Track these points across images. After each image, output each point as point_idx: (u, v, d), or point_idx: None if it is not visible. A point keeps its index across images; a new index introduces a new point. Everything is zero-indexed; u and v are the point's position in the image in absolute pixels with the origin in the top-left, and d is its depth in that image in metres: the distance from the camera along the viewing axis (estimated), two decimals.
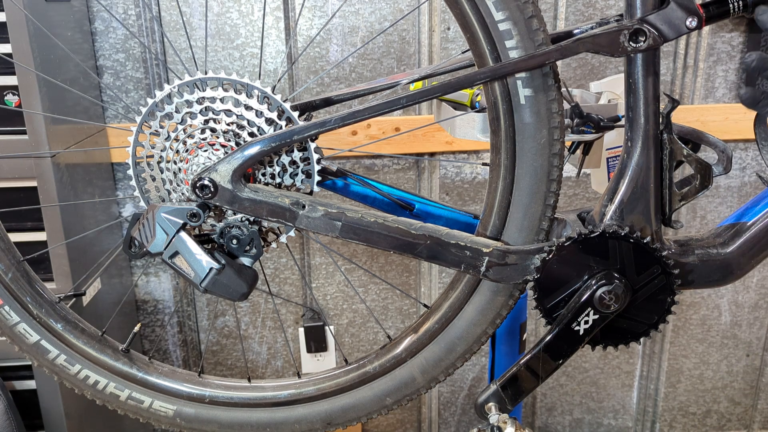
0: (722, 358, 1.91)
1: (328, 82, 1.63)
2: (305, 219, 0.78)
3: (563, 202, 1.75)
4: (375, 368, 0.90)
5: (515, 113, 0.74)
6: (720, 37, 1.64)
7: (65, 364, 0.91)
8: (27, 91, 1.27)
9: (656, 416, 1.96)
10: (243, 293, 0.79)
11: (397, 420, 1.95)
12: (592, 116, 0.97)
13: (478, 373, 1.90)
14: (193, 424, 0.93)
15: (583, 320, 0.78)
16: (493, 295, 0.83)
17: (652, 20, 0.71)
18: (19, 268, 0.90)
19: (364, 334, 1.86)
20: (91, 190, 1.52)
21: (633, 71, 0.74)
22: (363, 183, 0.98)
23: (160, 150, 0.82)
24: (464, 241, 0.78)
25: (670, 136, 0.76)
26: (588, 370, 1.92)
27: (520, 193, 0.78)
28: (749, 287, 1.83)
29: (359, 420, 0.92)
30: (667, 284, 0.77)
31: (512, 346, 1.13)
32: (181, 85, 0.80)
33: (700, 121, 1.65)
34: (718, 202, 1.77)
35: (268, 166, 0.81)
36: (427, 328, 0.88)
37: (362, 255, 1.77)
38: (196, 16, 1.57)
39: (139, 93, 1.62)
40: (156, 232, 0.77)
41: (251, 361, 1.87)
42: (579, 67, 1.64)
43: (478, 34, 0.73)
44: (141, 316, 1.79)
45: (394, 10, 1.58)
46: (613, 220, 0.77)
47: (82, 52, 1.51)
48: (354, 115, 0.76)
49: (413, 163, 1.69)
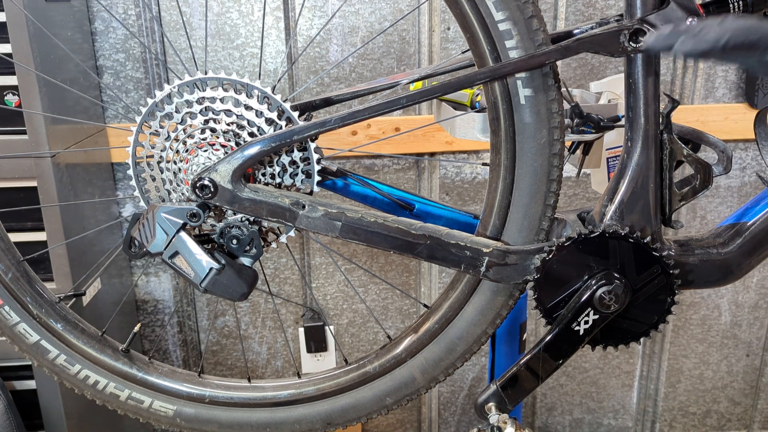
0: (722, 358, 1.91)
1: (328, 82, 1.63)
2: (305, 219, 0.78)
3: (563, 202, 1.75)
4: (375, 368, 0.90)
5: (515, 113, 0.74)
6: None
7: (65, 364, 0.91)
8: (27, 91, 1.27)
9: (656, 416, 1.96)
10: (243, 293, 0.79)
11: (397, 420, 1.95)
12: (592, 116, 0.97)
13: (478, 373, 1.90)
14: (193, 424, 0.93)
15: (583, 320, 0.78)
16: (493, 295, 0.83)
17: (652, 20, 0.71)
18: (19, 268, 0.90)
19: (364, 334, 1.85)
20: (91, 190, 1.52)
21: (633, 71, 0.74)
22: (363, 183, 0.98)
23: (160, 150, 0.82)
24: (464, 241, 0.78)
25: (670, 136, 0.76)
26: (588, 370, 1.92)
27: (520, 193, 0.78)
28: (749, 287, 1.83)
29: (359, 420, 0.92)
30: (667, 284, 0.77)
31: (512, 346, 1.13)
32: (181, 85, 0.80)
33: (700, 121, 1.65)
34: (718, 202, 1.77)
35: (268, 166, 0.81)
36: (427, 328, 0.88)
37: (362, 255, 1.77)
38: (196, 16, 1.57)
39: (139, 93, 1.62)
40: (156, 232, 0.77)
41: (251, 361, 1.87)
42: (579, 67, 1.64)
43: (478, 34, 0.73)
44: (141, 316, 1.79)
45: (394, 10, 1.58)
46: (613, 220, 0.77)
47: (82, 52, 1.51)
48: (354, 115, 0.76)
49: (413, 163, 1.69)
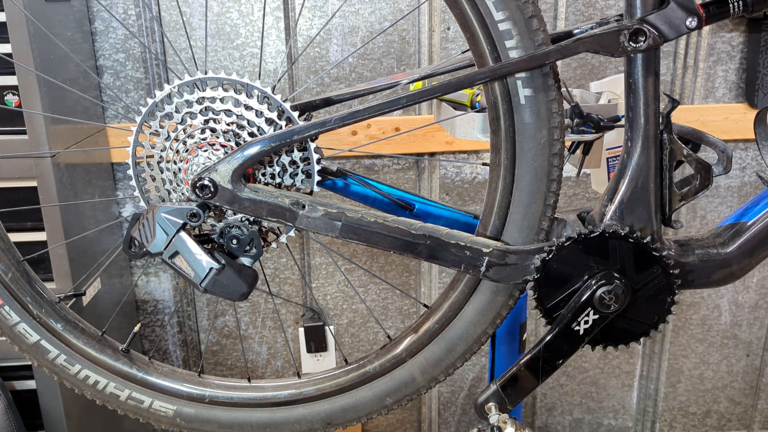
0: (722, 358, 1.91)
1: (328, 82, 1.63)
2: (305, 219, 0.78)
3: (563, 202, 1.75)
4: (375, 368, 0.90)
5: (515, 113, 0.74)
6: (720, 37, 1.63)
7: (65, 364, 0.91)
8: (27, 91, 1.27)
9: (656, 416, 1.96)
10: (243, 293, 0.79)
11: (397, 420, 1.95)
12: (592, 116, 0.97)
13: (478, 373, 1.90)
14: (193, 424, 0.93)
15: (583, 320, 0.78)
16: (493, 295, 0.83)
17: (652, 20, 0.71)
18: (19, 268, 0.90)
19: (364, 334, 1.85)
20: (91, 190, 1.52)
21: (633, 71, 0.74)
22: (363, 183, 0.98)
23: (160, 150, 0.82)
24: (464, 241, 0.78)
25: (670, 136, 0.76)
26: (588, 370, 1.92)
27: (520, 193, 0.78)
28: (749, 287, 1.83)
29: (359, 420, 0.92)
30: (667, 284, 0.77)
31: (512, 346, 1.13)
32: (181, 85, 0.80)
33: (700, 121, 1.65)
34: (718, 202, 1.77)
35: (268, 166, 0.81)
36: (427, 328, 0.88)
37: (362, 255, 1.77)
38: (196, 16, 1.57)
39: (139, 93, 1.62)
40: (156, 232, 0.77)
41: (251, 361, 1.87)
42: (579, 67, 1.64)
43: (478, 34, 0.73)
44: (141, 316, 1.79)
45: (394, 10, 1.58)
46: (613, 220, 0.77)
47: (82, 52, 1.51)
48: (354, 115, 0.76)
49: (413, 163, 1.69)
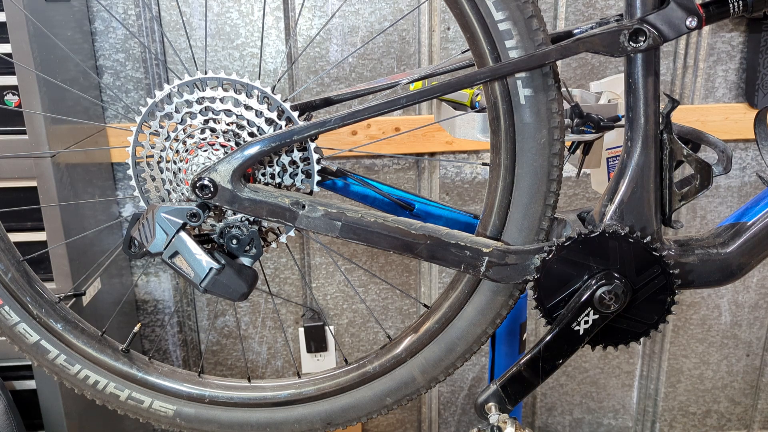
0: (722, 358, 1.91)
1: (328, 82, 1.63)
2: (305, 219, 0.78)
3: (563, 202, 1.75)
4: (375, 368, 0.90)
5: (515, 113, 0.74)
6: (720, 37, 1.63)
7: (65, 364, 0.91)
8: (27, 91, 1.27)
9: (656, 416, 1.96)
10: (243, 293, 0.79)
11: (397, 420, 1.95)
12: (592, 116, 0.97)
13: (478, 373, 1.90)
14: (193, 424, 0.93)
15: (583, 320, 0.78)
16: (493, 295, 0.83)
17: (652, 20, 0.71)
18: (19, 268, 0.90)
19: (364, 334, 1.85)
20: (91, 190, 1.52)
21: (633, 71, 0.74)
22: (363, 183, 0.98)
23: (160, 150, 0.82)
24: (464, 241, 0.78)
25: (670, 136, 0.76)
26: (588, 370, 1.92)
27: (520, 193, 0.78)
28: (749, 287, 1.83)
29: (359, 420, 0.92)
30: (667, 284, 0.77)
31: (512, 346, 1.13)
32: (181, 85, 0.80)
33: (700, 121, 1.65)
34: (718, 202, 1.77)
35: (267, 166, 0.81)
36: (427, 328, 0.88)
37: (362, 255, 1.77)
38: (196, 16, 1.57)
39: (139, 93, 1.62)
40: (156, 232, 0.77)
41: (251, 361, 1.87)
42: (579, 67, 1.64)
43: (478, 34, 0.73)
44: (141, 316, 1.79)
45: (394, 10, 1.58)
46: (613, 220, 0.77)
47: (82, 52, 1.51)
48: (354, 115, 0.76)
49: (413, 163, 1.69)
